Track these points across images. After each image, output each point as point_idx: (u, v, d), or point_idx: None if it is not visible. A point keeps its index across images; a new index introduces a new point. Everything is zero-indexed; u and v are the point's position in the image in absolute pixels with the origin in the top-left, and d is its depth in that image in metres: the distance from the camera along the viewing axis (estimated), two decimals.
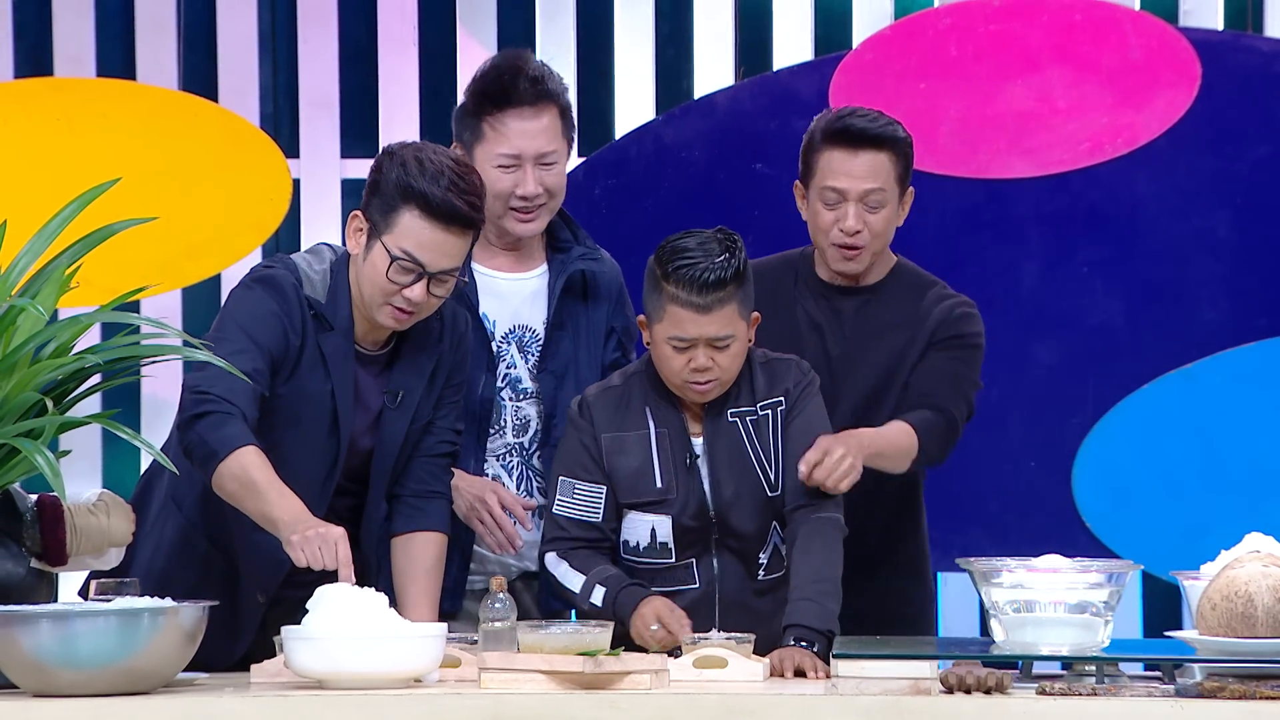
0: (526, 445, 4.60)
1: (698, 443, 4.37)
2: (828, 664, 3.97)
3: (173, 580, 4.03)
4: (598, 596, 4.29)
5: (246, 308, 4.16)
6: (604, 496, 4.36)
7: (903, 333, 4.60)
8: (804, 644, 4.09)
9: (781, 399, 4.40)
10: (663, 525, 4.36)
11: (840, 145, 4.52)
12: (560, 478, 4.38)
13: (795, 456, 4.31)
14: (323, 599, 3.76)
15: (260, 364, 4.08)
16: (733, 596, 4.35)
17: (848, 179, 4.51)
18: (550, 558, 4.36)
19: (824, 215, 4.55)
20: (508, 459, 4.59)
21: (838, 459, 4.26)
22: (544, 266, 4.64)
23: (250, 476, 3.98)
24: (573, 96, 4.66)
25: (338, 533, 3.92)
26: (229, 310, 4.19)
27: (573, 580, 4.33)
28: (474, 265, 4.55)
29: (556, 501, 4.38)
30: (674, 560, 4.36)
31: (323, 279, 4.20)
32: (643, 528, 4.37)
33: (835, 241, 4.55)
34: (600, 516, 4.36)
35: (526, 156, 4.51)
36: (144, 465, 5.16)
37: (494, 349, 4.55)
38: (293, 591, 4.21)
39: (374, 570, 4.26)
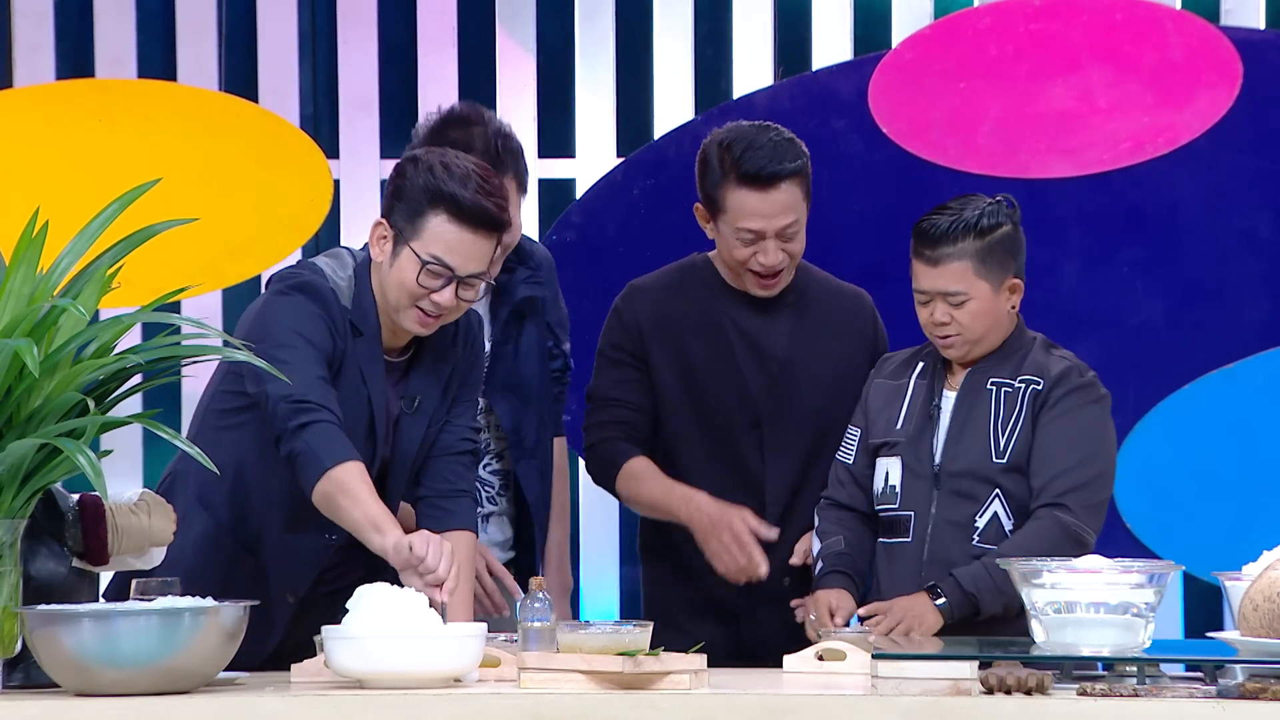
0: (490, 463, 4.67)
1: (948, 396, 4.49)
2: (949, 619, 4.20)
3: (199, 579, 4.03)
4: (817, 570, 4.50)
5: (295, 313, 4.16)
6: (858, 438, 4.56)
7: (845, 341, 4.69)
8: (936, 590, 4.28)
9: (1040, 381, 4.46)
10: (895, 469, 4.49)
11: (750, 186, 4.52)
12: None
13: (1044, 451, 4.41)
14: (363, 599, 3.77)
15: (324, 370, 4.10)
16: (942, 555, 4.40)
17: (762, 219, 4.53)
18: (819, 508, 4.58)
19: (740, 250, 4.57)
20: None
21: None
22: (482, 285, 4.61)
23: (357, 490, 4.03)
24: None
25: (448, 547, 3.99)
26: (274, 317, 4.18)
27: (814, 542, 4.56)
28: None
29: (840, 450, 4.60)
30: (897, 507, 4.47)
31: (349, 285, 4.21)
32: (881, 473, 4.52)
33: (754, 270, 4.58)
34: (851, 459, 4.56)
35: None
36: None
37: None
38: (319, 589, 4.24)
39: (393, 573, 4.26)
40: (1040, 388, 4.47)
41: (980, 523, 4.45)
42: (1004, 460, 4.44)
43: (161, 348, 3.88)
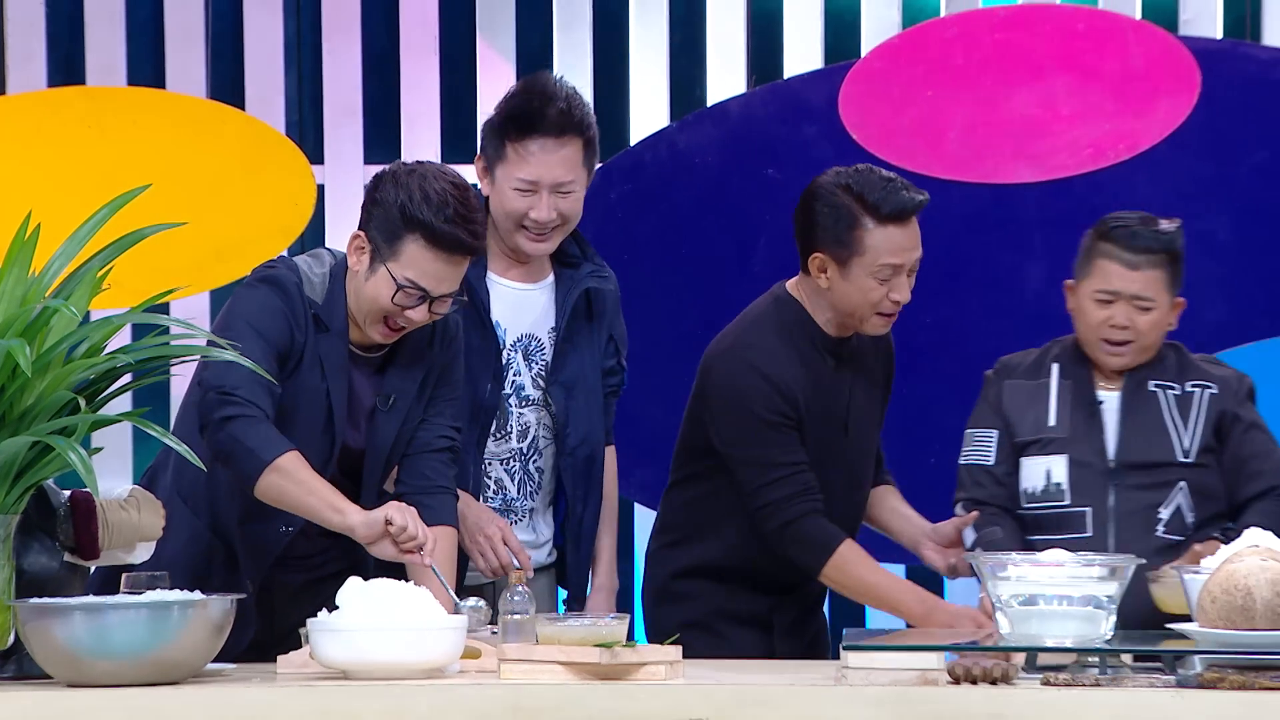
0: (525, 451, 4.59)
1: (1109, 395, 4.50)
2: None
3: (179, 570, 4.03)
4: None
5: (254, 305, 4.18)
6: (995, 439, 4.51)
7: (882, 374, 4.68)
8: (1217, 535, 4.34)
9: (1213, 386, 4.52)
10: (1058, 465, 4.46)
11: (894, 222, 4.45)
12: (966, 432, 4.59)
13: (1258, 448, 4.50)
14: (349, 591, 3.77)
15: (271, 362, 4.10)
16: (1129, 547, 4.33)
17: (900, 254, 4.45)
18: (959, 508, 4.55)
19: (876, 290, 4.45)
20: (510, 464, 4.58)
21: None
22: (551, 278, 4.62)
23: (305, 478, 4.06)
24: (589, 103, 4.64)
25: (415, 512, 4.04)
26: (236, 309, 4.21)
27: (968, 536, 4.50)
28: (488, 274, 4.54)
29: (962, 454, 4.58)
30: (1068, 503, 4.43)
31: (322, 281, 4.22)
32: (1039, 471, 4.48)
33: (882, 311, 4.49)
34: (993, 459, 4.52)
35: (544, 184, 4.47)
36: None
37: (504, 357, 4.54)
38: (286, 576, 4.24)
39: (370, 561, 4.27)
40: (1216, 392, 4.52)
41: (1164, 514, 4.46)
42: (1190, 457, 4.47)
43: (150, 348, 3.87)
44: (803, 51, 6.25)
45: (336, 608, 3.75)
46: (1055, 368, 4.54)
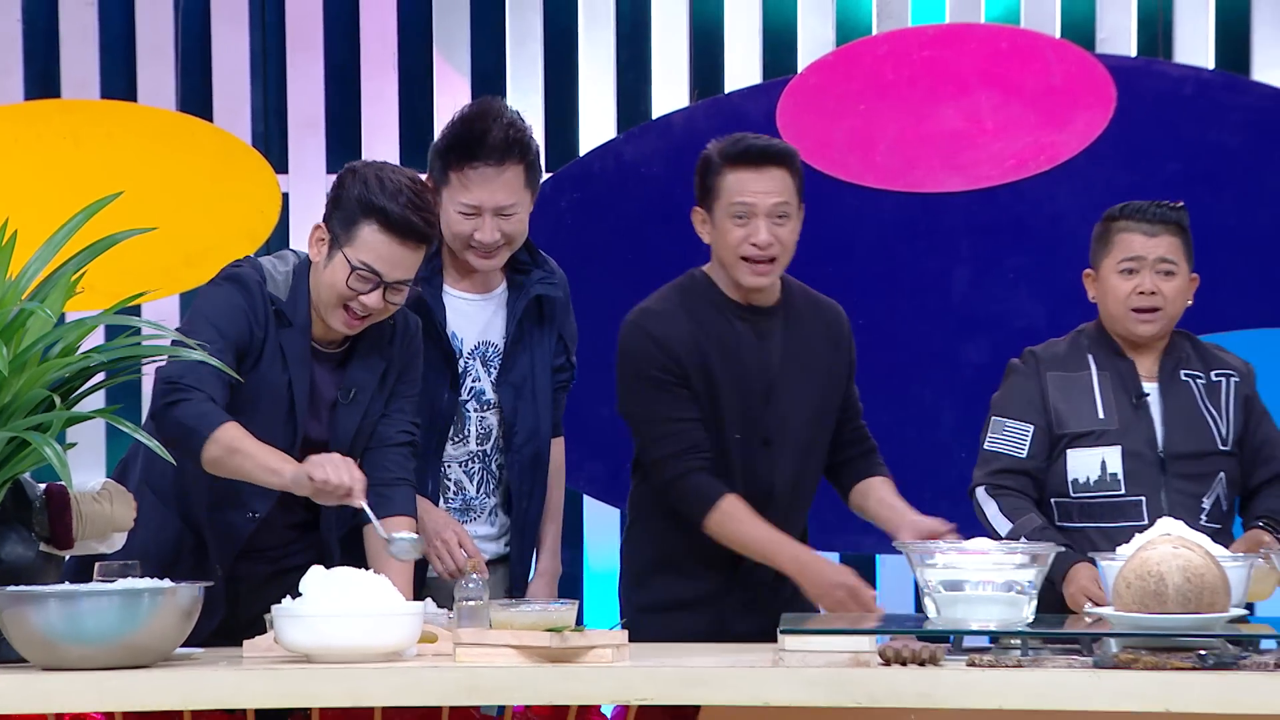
0: (488, 452, 4.58)
1: (1150, 386, 4.45)
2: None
3: (149, 558, 4.01)
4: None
5: (215, 302, 4.18)
6: (1030, 434, 4.43)
7: (829, 352, 4.58)
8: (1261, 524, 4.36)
9: (1234, 373, 4.50)
10: (1112, 456, 4.41)
11: (743, 165, 4.45)
12: (993, 418, 4.49)
13: (1258, 450, 4.48)
14: (312, 579, 3.76)
15: (227, 355, 4.09)
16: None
17: (754, 195, 4.44)
18: (981, 492, 4.45)
19: (734, 232, 4.45)
20: (469, 465, 4.56)
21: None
22: (503, 286, 4.60)
23: (243, 445, 4.03)
24: (540, 117, 4.64)
25: (338, 457, 4.01)
26: (199, 306, 4.21)
27: (1000, 523, 4.38)
28: (444, 287, 4.53)
29: (988, 439, 4.48)
30: (1124, 493, 4.39)
31: (285, 279, 4.21)
32: (1091, 461, 4.42)
33: (744, 255, 4.46)
34: (1025, 452, 4.43)
35: (486, 208, 4.42)
36: None
37: (460, 366, 4.53)
38: (252, 567, 4.22)
39: (334, 554, 4.25)
40: (1238, 380, 4.51)
41: (1206, 504, 4.43)
42: (1228, 445, 4.45)
43: (122, 348, 3.86)
44: (742, 67, 6.26)
45: (300, 595, 3.74)
46: (1092, 359, 4.48)
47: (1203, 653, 3.55)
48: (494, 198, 4.43)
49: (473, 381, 4.54)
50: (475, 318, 4.55)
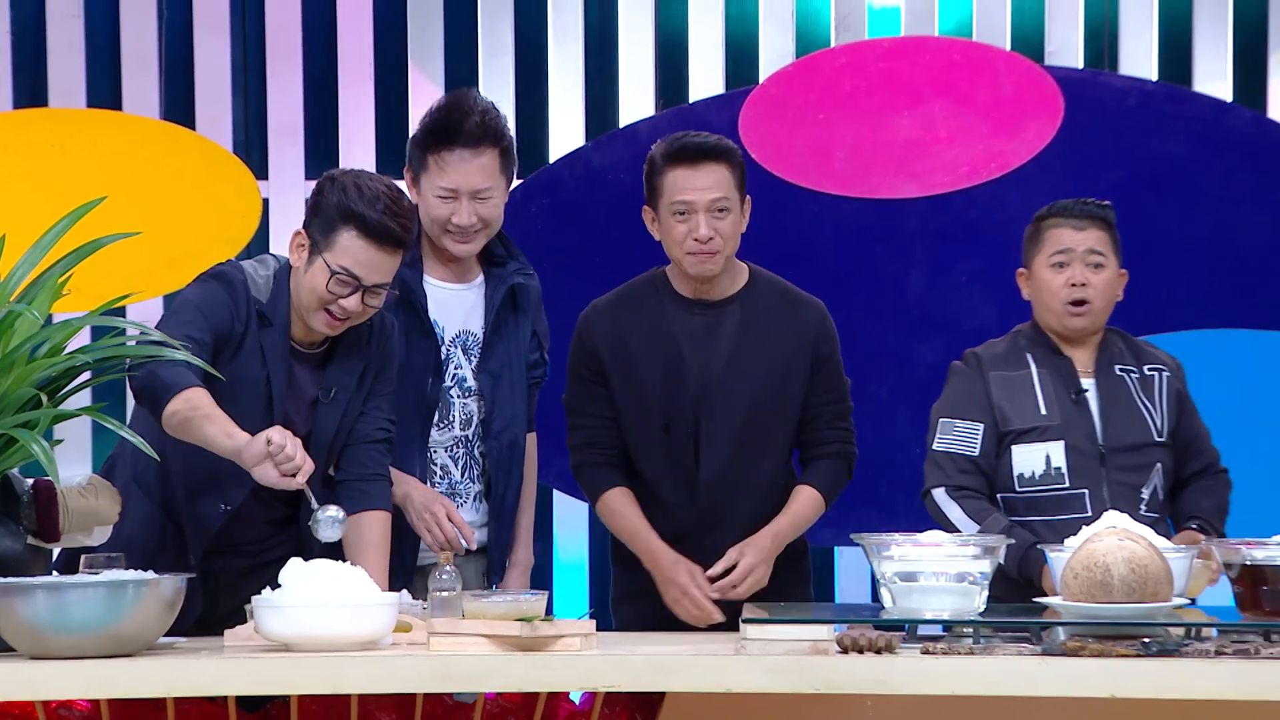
0: (470, 437, 4.58)
1: (1088, 381, 4.45)
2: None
3: (134, 551, 4.00)
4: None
5: (201, 294, 4.17)
6: (981, 433, 4.42)
7: (787, 348, 4.53)
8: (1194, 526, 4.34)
9: (1165, 368, 4.51)
10: (1056, 451, 4.41)
11: (681, 163, 4.45)
12: (942, 419, 4.47)
13: (1200, 429, 4.51)
14: (292, 571, 3.76)
15: (207, 336, 4.08)
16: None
17: (695, 191, 4.44)
18: (940, 494, 4.43)
19: (677, 228, 4.46)
20: (454, 449, 4.57)
21: (745, 570, 4.37)
22: (481, 278, 4.61)
23: (208, 408, 3.98)
24: (511, 125, 4.63)
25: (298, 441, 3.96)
26: (185, 295, 4.20)
27: (967, 525, 4.37)
28: (425, 277, 4.54)
29: (937, 439, 4.46)
30: (1067, 486, 4.39)
31: (266, 283, 4.20)
32: (1036, 456, 4.42)
33: (689, 250, 4.46)
34: (977, 450, 4.43)
35: (463, 191, 4.45)
36: None
37: (443, 353, 4.53)
38: (232, 561, 4.21)
39: (313, 548, 4.24)
40: (1169, 374, 4.51)
41: (1145, 494, 4.43)
42: (1164, 437, 4.45)
43: (108, 348, 3.85)
44: (706, 78, 6.26)
45: (279, 587, 3.74)
46: (1030, 358, 4.49)
47: (1147, 640, 3.56)
48: (470, 181, 4.44)
49: (455, 369, 4.54)
50: (455, 306, 4.56)
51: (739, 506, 4.51)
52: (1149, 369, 4.50)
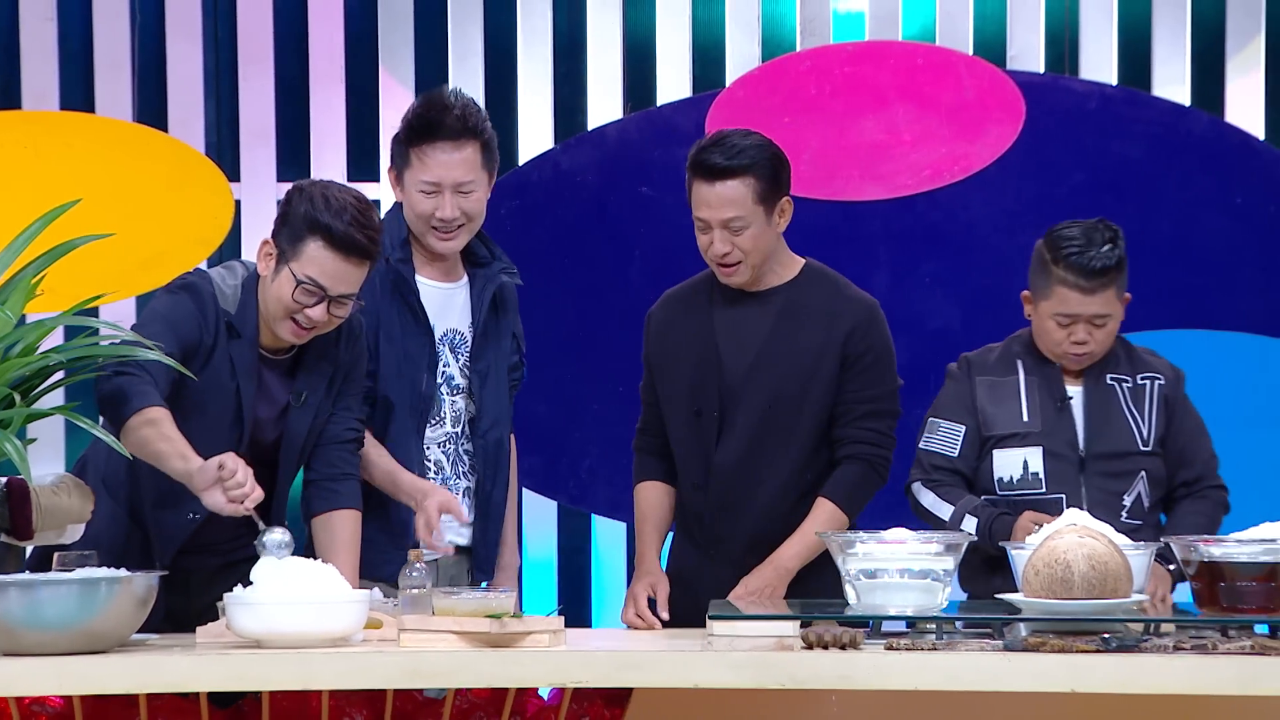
0: (460, 434, 4.57)
1: (1074, 389, 4.44)
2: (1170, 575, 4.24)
3: (100, 552, 3.97)
4: (969, 525, 4.35)
5: (169, 306, 4.15)
6: (962, 435, 4.44)
7: (817, 343, 4.48)
8: (1161, 562, 4.24)
9: (1160, 377, 4.48)
10: (1034, 456, 4.40)
11: (700, 177, 4.43)
12: (930, 419, 4.49)
13: (1194, 440, 4.47)
14: (263, 568, 3.75)
15: (175, 350, 4.06)
16: None
17: (708, 209, 4.42)
18: (917, 486, 4.45)
19: (701, 239, 4.45)
20: (446, 446, 4.55)
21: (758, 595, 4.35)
22: (465, 278, 4.60)
23: (166, 429, 3.97)
24: (484, 110, 4.62)
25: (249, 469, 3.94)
26: (153, 308, 4.18)
27: (941, 509, 4.39)
28: (416, 277, 4.51)
29: (924, 438, 4.48)
30: (1044, 490, 4.39)
31: (234, 293, 4.18)
32: (1014, 461, 4.42)
33: (713, 261, 4.46)
34: (956, 451, 4.44)
35: (446, 184, 4.44)
36: None
37: (435, 350, 4.52)
38: (202, 560, 4.20)
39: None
40: (1164, 383, 4.48)
41: (1127, 501, 4.41)
42: (1149, 446, 4.43)
43: (81, 348, 3.84)
44: (673, 81, 6.26)
45: (250, 583, 3.73)
46: (1020, 365, 4.48)
47: (1107, 636, 3.57)
48: (452, 174, 4.43)
49: (444, 367, 4.53)
50: (442, 305, 4.54)
51: (756, 494, 4.48)
52: (1141, 378, 4.48)
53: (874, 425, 4.48)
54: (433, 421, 4.52)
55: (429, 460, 4.53)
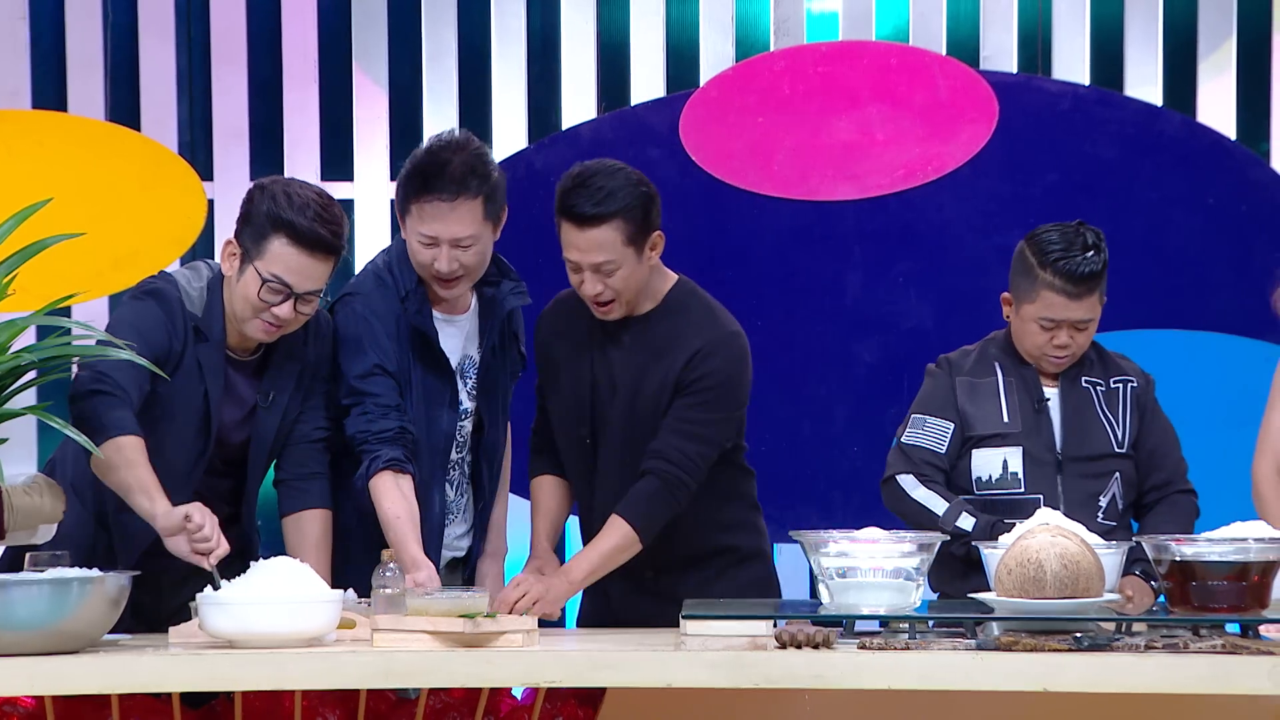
0: (465, 458, 4.51)
1: (1051, 391, 4.45)
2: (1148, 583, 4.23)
3: (66, 550, 3.97)
4: (966, 522, 4.33)
5: (138, 314, 4.14)
6: (950, 433, 4.43)
7: (664, 362, 4.39)
8: (1137, 572, 4.26)
9: (1134, 381, 4.49)
10: (1014, 456, 4.41)
11: (568, 220, 4.35)
12: (914, 415, 4.47)
13: (1164, 443, 4.48)
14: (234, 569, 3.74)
15: (147, 361, 4.05)
16: None
17: (578, 252, 4.34)
18: (908, 480, 4.41)
19: (573, 278, 4.38)
20: (451, 473, 4.52)
21: (514, 594, 4.18)
22: (474, 301, 4.52)
23: (137, 462, 3.96)
24: (455, 127, 4.57)
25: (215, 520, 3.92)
26: (121, 315, 4.17)
27: (935, 504, 4.36)
28: (433, 311, 4.44)
29: (907, 433, 4.46)
30: (1023, 490, 4.39)
31: (200, 295, 4.17)
32: (994, 460, 4.41)
33: (586, 298, 4.38)
34: (944, 449, 4.43)
35: (443, 239, 4.30)
36: None
37: (455, 388, 4.45)
38: (173, 562, 4.18)
39: (255, 544, 4.25)
40: (1136, 386, 4.49)
41: (1103, 502, 4.41)
42: (1123, 448, 4.44)
43: (53, 347, 3.83)
44: (647, 81, 6.26)
45: (220, 585, 3.72)
46: (998, 367, 4.48)
47: (1079, 635, 3.58)
48: (449, 230, 4.31)
49: (462, 398, 4.49)
50: (456, 336, 4.48)
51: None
52: (1115, 381, 4.50)
53: (683, 445, 4.33)
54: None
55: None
